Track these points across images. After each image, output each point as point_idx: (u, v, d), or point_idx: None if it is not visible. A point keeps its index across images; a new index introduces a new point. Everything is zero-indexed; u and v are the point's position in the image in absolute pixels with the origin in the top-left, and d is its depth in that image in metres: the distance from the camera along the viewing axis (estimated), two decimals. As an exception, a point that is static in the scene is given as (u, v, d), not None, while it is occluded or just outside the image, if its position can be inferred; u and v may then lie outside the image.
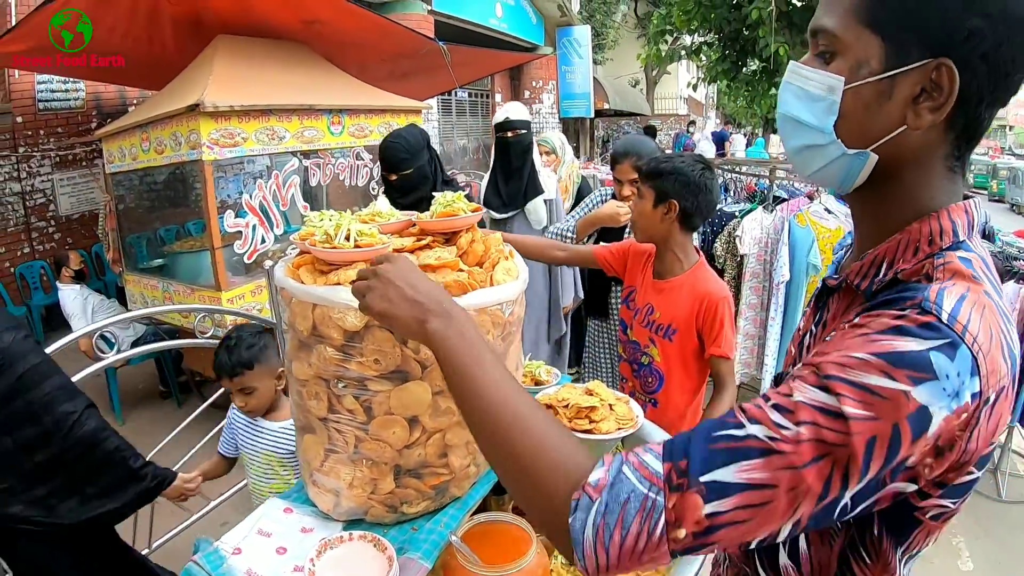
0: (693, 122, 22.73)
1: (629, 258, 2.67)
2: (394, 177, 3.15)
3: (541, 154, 4.29)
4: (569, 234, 3.31)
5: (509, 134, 3.91)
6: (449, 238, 1.66)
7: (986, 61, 0.81)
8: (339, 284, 1.38)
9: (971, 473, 0.84)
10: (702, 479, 0.76)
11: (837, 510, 0.76)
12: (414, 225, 1.71)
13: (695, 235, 3.23)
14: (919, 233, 0.89)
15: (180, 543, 3.43)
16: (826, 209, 4.40)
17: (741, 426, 0.78)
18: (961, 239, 0.88)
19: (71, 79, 7.49)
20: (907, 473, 0.76)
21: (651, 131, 15.60)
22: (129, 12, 4.86)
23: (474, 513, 1.68)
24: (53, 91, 7.58)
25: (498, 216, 3.92)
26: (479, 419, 0.94)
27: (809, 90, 0.91)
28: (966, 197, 0.93)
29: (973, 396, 0.74)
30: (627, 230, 3.31)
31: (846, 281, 0.99)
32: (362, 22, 5.94)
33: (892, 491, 0.78)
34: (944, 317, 0.75)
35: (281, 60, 5.48)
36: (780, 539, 0.78)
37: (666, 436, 2.03)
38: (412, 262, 1.09)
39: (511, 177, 3.84)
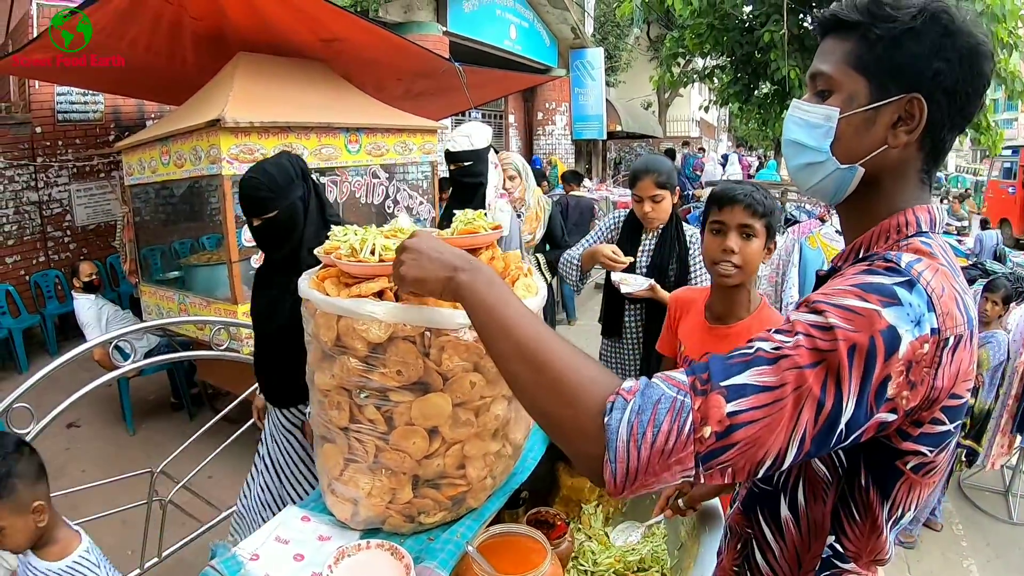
0: (702, 148, 22.82)
1: (679, 317, 2.49)
2: (256, 222, 2.56)
3: (507, 178, 3.99)
4: (576, 262, 3.28)
5: (452, 167, 3.70)
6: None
7: (947, 95, 1.03)
8: (363, 296, 1.42)
9: (943, 423, 0.99)
10: (723, 383, 0.88)
11: (836, 433, 0.88)
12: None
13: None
14: (889, 225, 1.09)
15: (190, 553, 3.46)
16: (837, 231, 4.42)
17: (750, 345, 0.94)
18: (924, 230, 1.07)
19: (90, 91, 7.58)
20: (888, 404, 0.90)
21: (670, 154, 15.65)
22: (151, 27, 4.94)
23: (489, 525, 1.71)
24: (72, 103, 7.67)
25: None
26: (511, 352, 1.00)
27: (809, 120, 1.13)
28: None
29: (932, 330, 0.90)
30: (690, 273, 3.12)
31: (833, 267, 1.17)
32: (380, 41, 6.01)
33: (876, 421, 0.91)
34: (903, 265, 0.94)
35: (300, 78, 5.55)
36: (787, 462, 0.88)
37: None
38: (435, 235, 1.21)
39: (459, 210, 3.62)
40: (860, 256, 1.11)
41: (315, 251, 1.64)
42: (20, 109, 7.39)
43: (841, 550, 1.11)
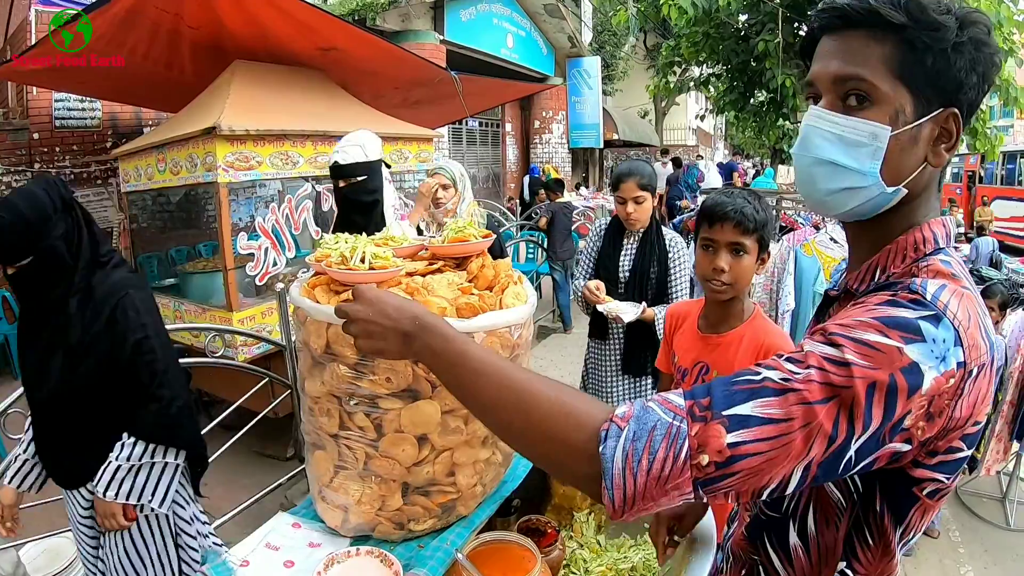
0: (700, 156, 22.88)
1: (674, 331, 2.46)
2: (10, 269, 2.14)
3: (440, 187, 3.46)
4: (580, 292, 3.30)
5: (341, 183, 3.09)
6: (460, 263, 1.71)
7: (970, 108, 0.99)
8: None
9: (960, 450, 0.95)
10: (724, 413, 0.84)
11: (844, 460, 0.85)
12: (426, 250, 1.75)
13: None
14: (906, 243, 1.03)
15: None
16: (831, 239, 4.43)
17: (757, 373, 0.88)
18: (941, 246, 1.03)
19: (88, 98, 7.59)
20: (903, 434, 0.86)
21: (677, 163, 15.66)
22: (149, 35, 4.94)
23: (480, 532, 1.71)
24: (70, 109, 7.67)
25: None
26: (490, 403, 0.98)
27: (847, 136, 1.01)
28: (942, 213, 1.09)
29: (959, 364, 0.86)
30: (670, 275, 3.25)
31: (846, 288, 1.11)
32: (377, 50, 6.03)
33: (890, 450, 0.87)
34: (928, 296, 0.89)
35: (297, 86, 5.56)
36: (791, 488, 0.85)
37: None
38: (377, 291, 1.13)
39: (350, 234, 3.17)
40: (877, 278, 1.04)
41: (307, 258, 1.64)
42: (18, 115, 7.39)
43: (851, 574, 1.07)
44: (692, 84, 12.40)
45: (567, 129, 17.50)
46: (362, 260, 1.48)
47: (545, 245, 8.67)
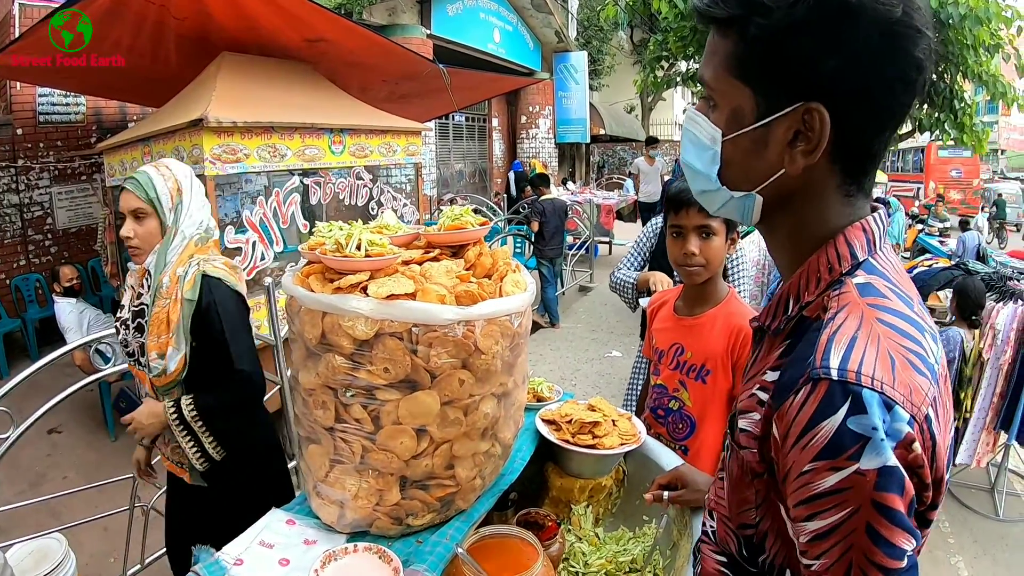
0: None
1: (653, 319, 2.49)
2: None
3: (128, 216, 2.26)
4: (631, 284, 3.22)
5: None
6: (456, 251, 1.67)
7: (858, 95, 0.85)
8: (347, 291, 1.39)
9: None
10: None
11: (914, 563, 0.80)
12: (421, 238, 1.72)
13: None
14: (817, 264, 0.93)
15: (174, 559, 3.40)
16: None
17: None
18: (861, 260, 0.91)
19: (72, 93, 7.51)
20: (923, 510, 0.82)
21: (653, 141, 15.56)
22: (135, 28, 4.86)
23: (479, 527, 1.68)
24: (54, 104, 7.59)
25: None
26: None
27: (700, 138, 0.97)
28: (874, 209, 0.96)
29: (909, 423, 0.77)
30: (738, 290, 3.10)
31: (761, 326, 1.03)
32: (365, 42, 5.97)
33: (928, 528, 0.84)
34: (835, 375, 0.79)
35: (284, 79, 5.50)
36: None
37: (674, 456, 2.03)
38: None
39: None
40: (789, 311, 0.95)
41: (300, 247, 1.60)
42: (1, 110, 7.30)
43: None
44: (679, 79, 12.36)
45: (553, 124, 17.52)
46: (358, 247, 1.44)
47: (533, 240, 8.65)
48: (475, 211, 1.77)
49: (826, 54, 0.83)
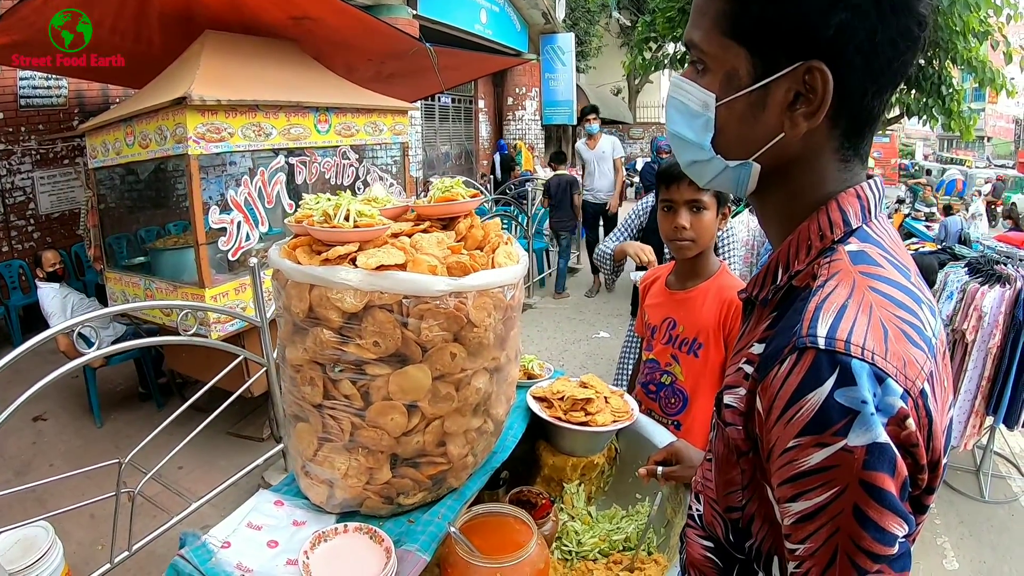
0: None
1: (645, 295, 2.50)
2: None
3: None
4: (609, 255, 3.24)
5: None
6: (447, 224, 1.63)
7: (863, 53, 0.80)
8: (335, 263, 1.34)
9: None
10: None
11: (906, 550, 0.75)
12: (412, 211, 1.67)
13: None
14: (808, 231, 0.89)
15: (160, 546, 3.36)
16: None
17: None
18: (855, 227, 0.87)
19: (54, 76, 7.39)
20: (917, 493, 0.77)
21: (589, 112, 15.48)
22: (117, 6, 4.77)
23: (470, 505, 1.65)
24: (35, 87, 7.48)
25: None
26: None
27: (689, 106, 0.91)
28: (870, 178, 0.92)
29: (903, 397, 0.72)
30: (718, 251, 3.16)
31: (749, 297, 0.99)
32: (351, 20, 5.89)
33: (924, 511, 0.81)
34: (821, 344, 0.74)
35: (269, 57, 5.42)
36: None
37: (667, 433, 2.01)
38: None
39: None
40: (778, 280, 0.91)
41: (286, 220, 1.56)
42: (-19, 95, 7.19)
43: None
44: (667, 61, 12.32)
45: (540, 106, 17.48)
46: (346, 218, 1.40)
47: (526, 216, 8.89)
48: (466, 183, 1.73)
49: (832, 8, 0.77)
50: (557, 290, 9.05)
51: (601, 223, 9.48)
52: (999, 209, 17.94)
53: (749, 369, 0.88)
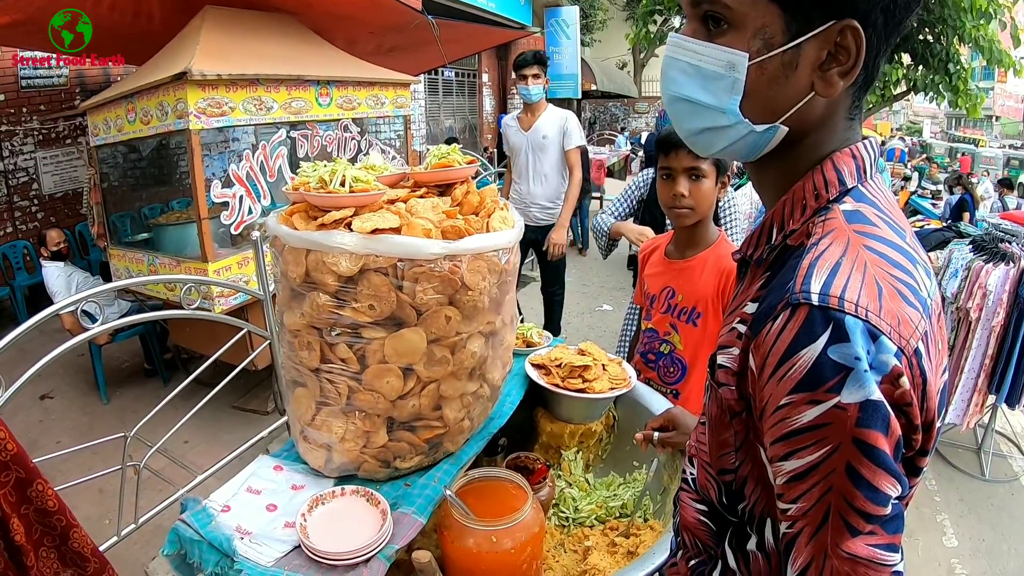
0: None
1: (645, 265, 2.50)
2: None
3: None
4: (606, 231, 3.24)
5: None
6: (444, 191, 1.63)
7: (885, 12, 0.79)
8: (331, 228, 1.35)
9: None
10: None
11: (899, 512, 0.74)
12: (408, 178, 1.68)
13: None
14: (803, 190, 0.87)
15: (166, 519, 3.38)
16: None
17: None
18: (850, 186, 0.85)
19: (54, 55, 7.37)
20: (910, 455, 0.77)
21: (528, 63, 15.40)
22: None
23: (467, 470, 1.66)
24: (36, 68, 7.45)
25: None
26: None
27: (703, 67, 0.85)
28: (865, 138, 0.90)
29: (897, 355, 0.71)
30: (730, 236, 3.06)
31: (744, 257, 0.97)
32: (351, -8, 5.85)
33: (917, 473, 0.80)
34: (815, 300, 0.73)
35: (269, 32, 5.38)
36: None
37: (664, 401, 2.02)
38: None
39: None
40: (773, 239, 0.90)
41: (283, 189, 1.57)
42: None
43: None
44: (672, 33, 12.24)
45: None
46: (342, 183, 1.40)
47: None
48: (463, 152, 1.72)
49: None
50: (583, 248, 9.90)
51: (532, 256, 6.22)
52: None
53: (742, 328, 0.86)
